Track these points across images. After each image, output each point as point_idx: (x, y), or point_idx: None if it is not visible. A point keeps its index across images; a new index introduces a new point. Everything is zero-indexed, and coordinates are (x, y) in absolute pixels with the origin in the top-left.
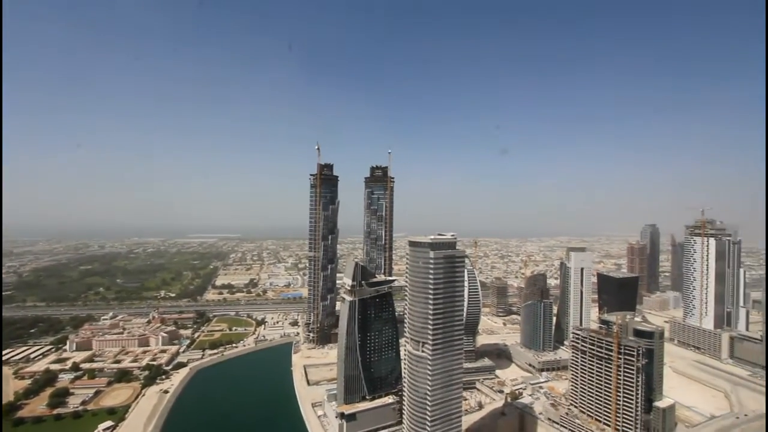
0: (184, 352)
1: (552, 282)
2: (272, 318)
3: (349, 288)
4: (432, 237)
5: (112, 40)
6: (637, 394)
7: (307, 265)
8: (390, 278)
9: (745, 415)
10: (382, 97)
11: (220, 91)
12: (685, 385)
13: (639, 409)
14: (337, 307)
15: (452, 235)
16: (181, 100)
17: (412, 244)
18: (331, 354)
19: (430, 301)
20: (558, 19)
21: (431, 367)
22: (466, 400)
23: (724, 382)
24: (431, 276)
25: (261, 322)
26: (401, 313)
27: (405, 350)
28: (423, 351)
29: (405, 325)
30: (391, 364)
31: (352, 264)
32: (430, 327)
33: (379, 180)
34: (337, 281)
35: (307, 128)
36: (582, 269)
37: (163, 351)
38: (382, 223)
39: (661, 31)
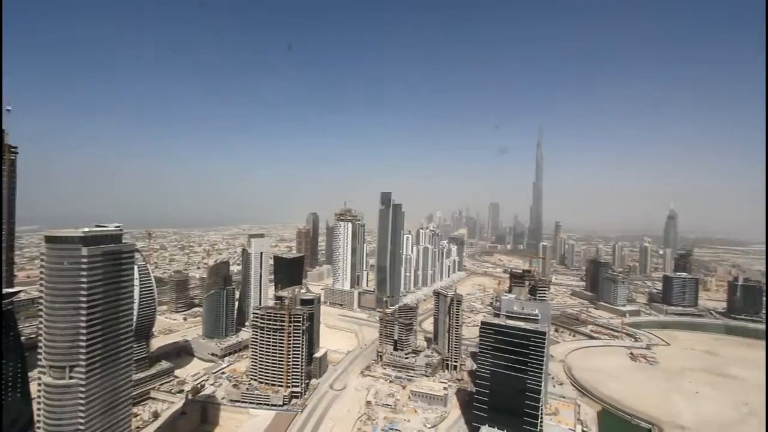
0: None
1: (235, 268)
2: None
3: None
4: (87, 230)
5: None
6: (302, 352)
7: None
8: (11, 290)
9: (365, 344)
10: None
11: None
12: (333, 334)
13: (303, 363)
14: None
15: (117, 227)
16: None
17: (51, 239)
18: None
19: (83, 312)
20: None
21: (85, 395)
22: (137, 415)
23: (355, 325)
24: (84, 279)
25: None
26: (32, 336)
27: (40, 384)
28: (71, 378)
29: (39, 350)
30: (16, 410)
31: None
32: (83, 345)
33: None
34: None
35: None
36: (261, 253)
37: None
38: None
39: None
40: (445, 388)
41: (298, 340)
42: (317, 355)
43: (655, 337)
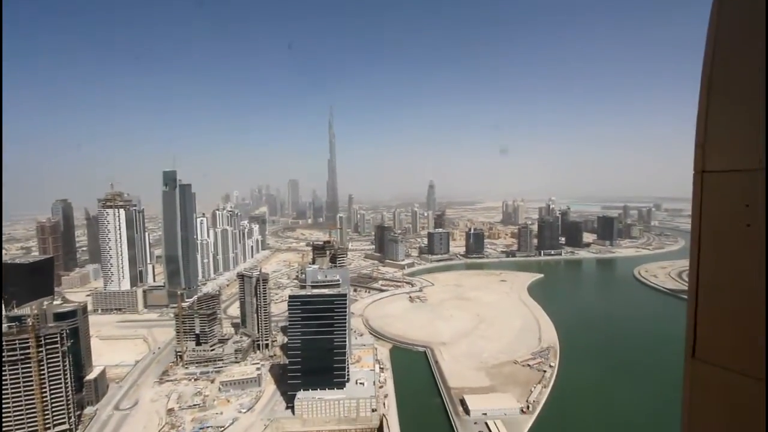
0: None
1: None
2: None
3: None
4: None
5: None
6: (66, 379)
7: None
8: None
9: (159, 348)
10: None
11: None
12: (113, 347)
13: (70, 393)
14: None
15: None
16: None
17: None
18: None
19: None
20: None
21: None
22: None
23: (143, 329)
24: None
25: None
26: None
27: None
28: None
29: None
30: None
31: None
32: None
33: None
34: None
35: None
36: None
37: None
38: None
39: None
40: (258, 369)
41: (57, 366)
42: (90, 376)
43: (425, 281)
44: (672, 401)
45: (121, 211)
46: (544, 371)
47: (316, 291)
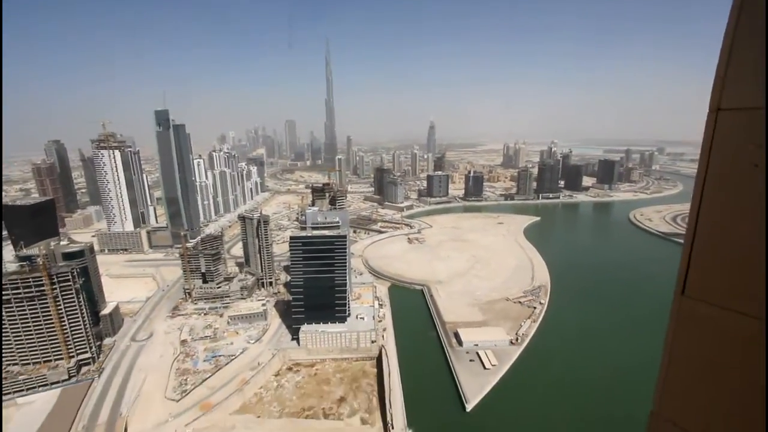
0: None
1: None
2: None
3: None
4: None
5: None
6: (83, 314)
7: None
8: None
9: (168, 286)
10: None
11: None
12: (123, 284)
13: (88, 325)
14: None
15: None
16: None
17: None
18: None
19: None
20: None
21: None
22: None
23: (150, 268)
24: None
25: None
26: None
27: None
28: None
29: None
30: None
31: None
32: None
33: None
34: None
35: None
36: None
37: None
38: None
39: None
40: (263, 305)
41: (72, 301)
42: (105, 311)
43: (423, 223)
44: (653, 336)
45: (117, 152)
46: (534, 308)
47: (316, 232)
